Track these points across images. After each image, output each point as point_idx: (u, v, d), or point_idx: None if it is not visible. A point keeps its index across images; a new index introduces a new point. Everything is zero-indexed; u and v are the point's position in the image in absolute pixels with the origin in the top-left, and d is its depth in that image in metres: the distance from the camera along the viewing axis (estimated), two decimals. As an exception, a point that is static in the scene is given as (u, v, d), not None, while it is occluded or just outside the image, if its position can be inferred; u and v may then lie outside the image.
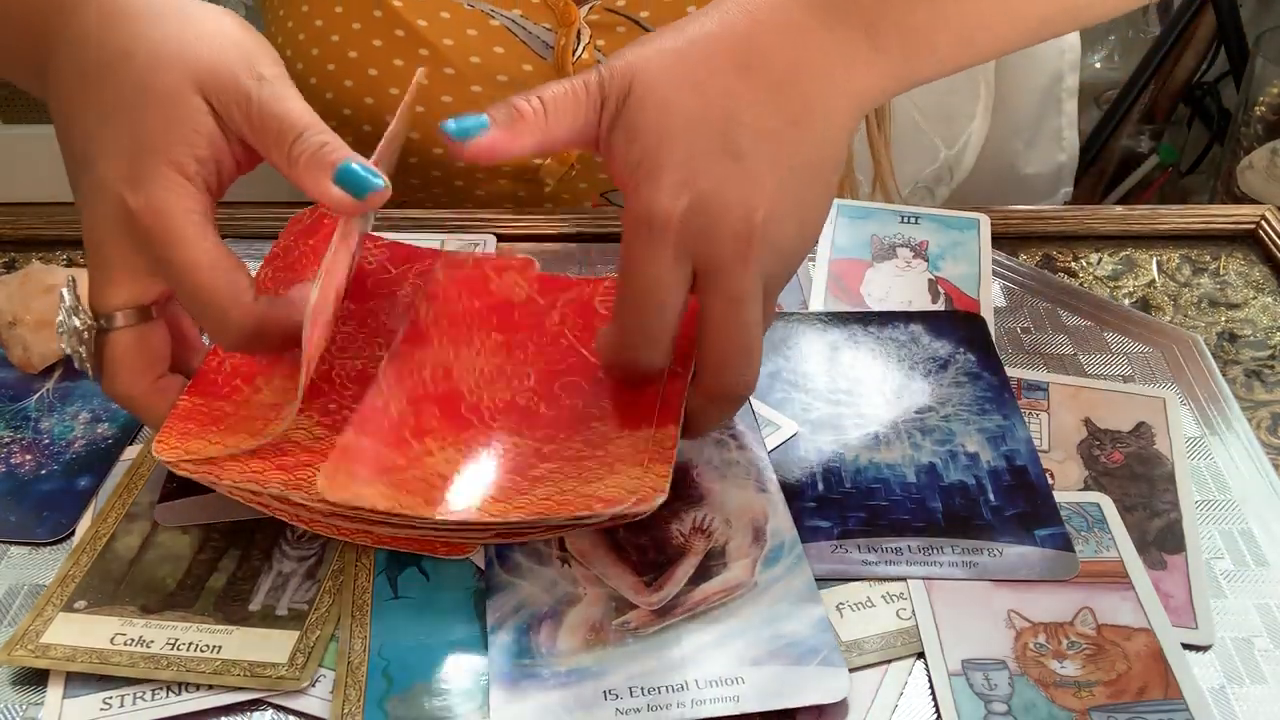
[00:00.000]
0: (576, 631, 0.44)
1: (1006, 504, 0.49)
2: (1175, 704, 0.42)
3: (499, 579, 0.46)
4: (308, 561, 0.48)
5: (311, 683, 0.43)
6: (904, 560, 0.47)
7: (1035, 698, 0.42)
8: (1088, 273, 0.65)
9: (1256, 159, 1.21)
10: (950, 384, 0.55)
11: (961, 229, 0.66)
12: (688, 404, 0.47)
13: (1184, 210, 0.68)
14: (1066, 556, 0.47)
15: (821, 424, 0.53)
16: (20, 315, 0.56)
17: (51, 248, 0.68)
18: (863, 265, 0.63)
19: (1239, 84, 1.40)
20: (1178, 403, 0.55)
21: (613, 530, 0.48)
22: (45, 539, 0.50)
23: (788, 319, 0.59)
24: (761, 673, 0.42)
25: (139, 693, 0.43)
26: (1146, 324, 0.61)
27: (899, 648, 0.44)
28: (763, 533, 0.47)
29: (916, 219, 0.66)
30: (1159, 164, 1.58)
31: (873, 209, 0.67)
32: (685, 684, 0.42)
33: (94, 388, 0.57)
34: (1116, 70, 1.63)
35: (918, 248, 0.64)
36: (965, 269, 0.63)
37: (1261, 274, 0.65)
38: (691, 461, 0.51)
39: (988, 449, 0.52)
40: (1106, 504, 0.50)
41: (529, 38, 0.74)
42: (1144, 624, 0.45)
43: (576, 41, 0.74)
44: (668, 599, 0.45)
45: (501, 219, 0.68)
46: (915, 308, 0.61)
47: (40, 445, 0.54)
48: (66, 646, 0.44)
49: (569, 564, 0.47)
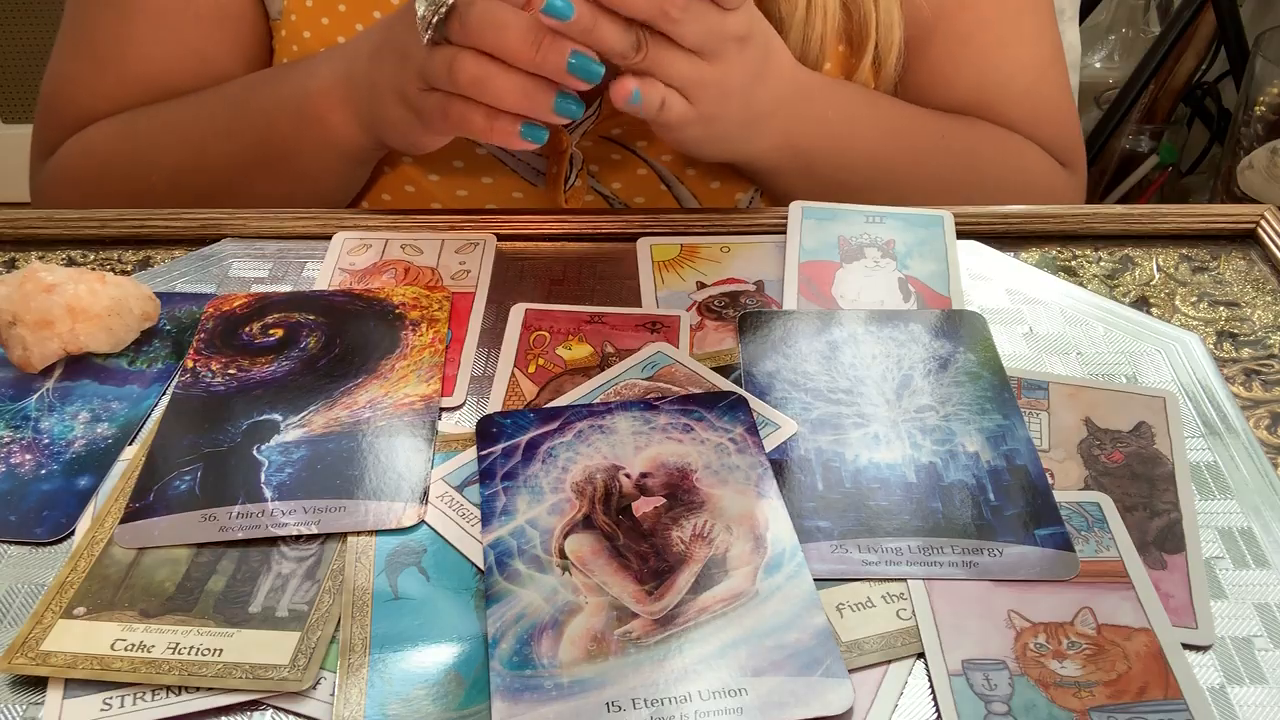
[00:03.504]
0: (578, 642, 0.44)
1: (1006, 504, 0.49)
2: (1175, 704, 0.42)
3: (499, 587, 0.46)
4: (307, 562, 0.48)
5: (313, 685, 0.43)
6: (904, 560, 0.47)
7: (1035, 698, 0.42)
8: (1088, 272, 0.65)
9: (1256, 159, 1.21)
10: (950, 384, 0.55)
11: (926, 226, 0.66)
12: None
13: (1184, 210, 0.68)
14: (1066, 556, 0.47)
15: (821, 424, 0.53)
16: (20, 315, 0.56)
17: (51, 248, 0.68)
18: (832, 267, 0.63)
19: (1239, 84, 1.40)
20: (1178, 402, 0.55)
21: (613, 538, 0.48)
22: (45, 539, 0.50)
23: (788, 319, 0.59)
24: (764, 684, 0.42)
25: (139, 693, 0.43)
26: (1146, 323, 0.61)
27: (899, 648, 0.44)
28: (763, 540, 0.47)
29: (881, 218, 0.66)
30: (1159, 164, 1.58)
31: (837, 210, 0.67)
32: (688, 695, 0.42)
33: (94, 388, 0.57)
34: (1116, 70, 1.64)
35: (885, 246, 0.64)
36: (934, 266, 0.63)
37: (1261, 274, 0.65)
38: (691, 466, 0.51)
39: (988, 449, 0.52)
40: (1106, 504, 0.50)
41: (518, 165, 0.74)
42: (1144, 624, 0.45)
43: (569, 169, 0.74)
44: (669, 608, 0.45)
45: (502, 219, 0.68)
46: (888, 307, 0.61)
47: (40, 445, 0.54)
48: (67, 653, 0.44)
49: (569, 572, 0.46)
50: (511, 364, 0.58)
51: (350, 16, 0.72)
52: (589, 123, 0.73)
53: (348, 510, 0.49)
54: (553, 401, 0.55)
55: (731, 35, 0.59)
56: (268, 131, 0.69)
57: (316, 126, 0.68)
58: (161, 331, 0.60)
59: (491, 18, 0.55)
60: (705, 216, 0.68)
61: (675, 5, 0.55)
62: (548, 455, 0.51)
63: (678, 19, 0.56)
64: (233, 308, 0.61)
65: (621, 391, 0.55)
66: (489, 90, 0.57)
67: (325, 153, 0.69)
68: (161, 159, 0.72)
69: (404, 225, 0.67)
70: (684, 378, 0.56)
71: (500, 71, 0.56)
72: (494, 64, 0.56)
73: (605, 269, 0.65)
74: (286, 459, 0.52)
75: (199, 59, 0.75)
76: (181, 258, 0.66)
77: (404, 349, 0.58)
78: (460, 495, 0.51)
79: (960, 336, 0.58)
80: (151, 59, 0.75)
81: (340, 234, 0.67)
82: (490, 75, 0.56)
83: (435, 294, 0.62)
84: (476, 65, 0.56)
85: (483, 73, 0.56)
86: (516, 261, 0.66)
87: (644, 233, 0.67)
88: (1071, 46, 1.03)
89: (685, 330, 0.60)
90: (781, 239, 0.65)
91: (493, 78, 0.56)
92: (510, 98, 0.57)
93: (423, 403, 0.55)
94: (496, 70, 0.56)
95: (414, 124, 0.63)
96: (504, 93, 0.57)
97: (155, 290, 0.61)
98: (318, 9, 0.73)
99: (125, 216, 0.68)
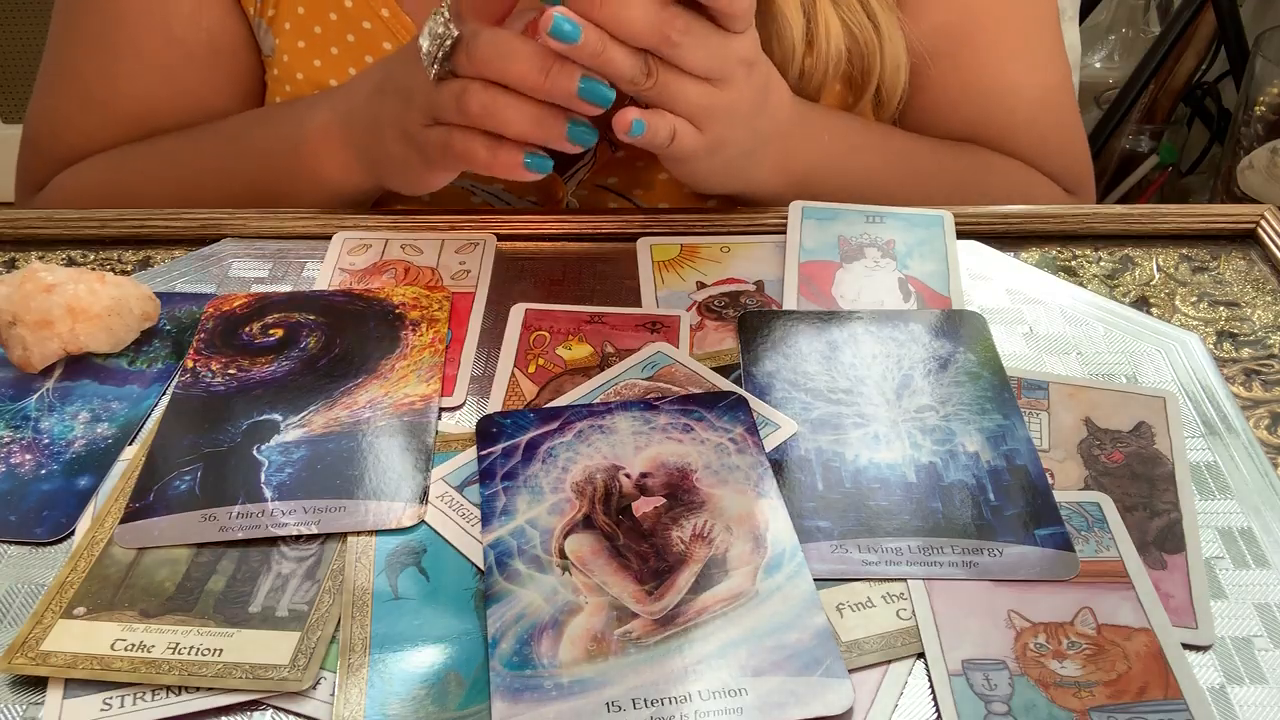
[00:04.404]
0: (578, 642, 0.44)
1: (1006, 504, 0.49)
2: (1175, 704, 0.42)
3: (499, 587, 0.46)
4: (307, 562, 0.48)
5: (313, 685, 0.43)
6: (904, 560, 0.47)
7: (1035, 698, 0.42)
8: (1088, 272, 0.65)
9: (1256, 159, 1.21)
10: (950, 384, 0.55)
11: (926, 226, 0.66)
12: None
13: (1184, 210, 0.68)
14: (1066, 556, 0.47)
15: (821, 424, 0.53)
16: (20, 315, 0.56)
17: (51, 248, 0.68)
18: (832, 267, 0.63)
19: (1239, 84, 1.40)
20: (1178, 402, 0.55)
21: (613, 538, 0.48)
22: (45, 539, 0.50)
23: (788, 319, 0.60)
24: (764, 684, 0.42)
25: (139, 693, 0.43)
26: (1146, 323, 0.61)
27: (899, 648, 0.44)
28: (763, 540, 0.47)
29: (881, 218, 0.66)
30: (1159, 164, 1.58)
31: (838, 210, 0.67)
32: (688, 695, 0.42)
33: (94, 388, 0.57)
34: (1116, 70, 1.64)
35: (885, 246, 0.65)
36: (933, 266, 0.63)
37: (1261, 274, 0.65)
38: (691, 466, 0.51)
39: (988, 449, 0.52)
40: (1106, 504, 0.50)
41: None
42: (1144, 624, 0.45)
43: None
44: (669, 608, 0.45)
45: (502, 219, 0.68)
46: (888, 307, 0.61)
47: (40, 445, 0.54)
48: (67, 653, 0.44)
49: (569, 572, 0.46)
50: (511, 364, 0.58)
51: (343, 60, 0.72)
52: (584, 171, 0.73)
53: (348, 510, 0.49)
54: (553, 401, 0.55)
55: (739, 59, 0.58)
56: (263, 171, 0.69)
57: (314, 166, 0.67)
58: (161, 331, 0.60)
59: (499, 47, 0.55)
60: (705, 216, 0.68)
61: (675, 29, 0.54)
62: (548, 455, 0.51)
63: (678, 43, 0.55)
64: (233, 308, 0.61)
65: (621, 391, 0.55)
66: (500, 118, 0.56)
67: (320, 193, 0.69)
68: (154, 196, 0.71)
69: (404, 225, 0.67)
70: (684, 378, 0.56)
71: (511, 101, 0.56)
72: (504, 93, 0.56)
73: (605, 269, 0.65)
74: (286, 459, 0.52)
75: (191, 98, 0.74)
76: (181, 258, 0.66)
77: (404, 349, 0.58)
78: (460, 495, 0.51)
79: (960, 336, 0.58)
80: (142, 98, 0.74)
81: (340, 234, 0.67)
82: (501, 104, 0.56)
83: (435, 294, 0.62)
84: (486, 94, 0.56)
85: (493, 102, 0.56)
86: (516, 261, 0.66)
87: (644, 233, 0.67)
88: (1071, 47, 1.04)
89: (685, 330, 0.60)
90: (781, 239, 0.65)
91: (504, 107, 0.56)
92: (522, 125, 0.56)
93: (423, 403, 0.55)
94: (507, 99, 0.56)
95: (416, 161, 0.62)
96: (515, 120, 0.56)
97: (155, 290, 0.61)
98: (310, 51, 0.73)
99: (125, 216, 0.68)
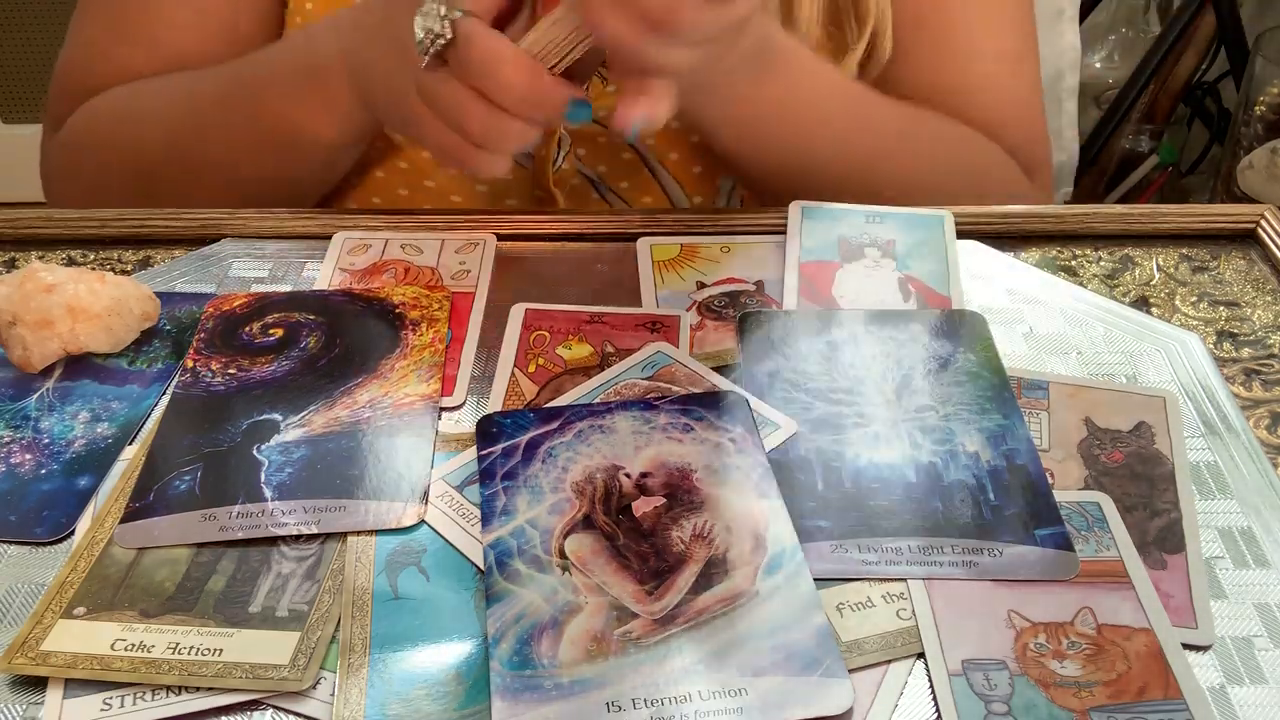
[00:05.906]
0: (578, 642, 0.44)
1: (1006, 504, 0.49)
2: (1175, 704, 0.42)
3: (499, 587, 0.46)
4: (307, 561, 0.48)
5: (313, 685, 0.43)
6: (904, 560, 0.47)
7: (1035, 698, 0.42)
8: (1088, 272, 0.65)
9: (1256, 159, 1.21)
10: (950, 384, 0.55)
11: (927, 226, 0.66)
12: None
13: (1184, 210, 0.68)
14: (1066, 556, 0.47)
15: (821, 424, 0.53)
16: (20, 315, 0.56)
17: (51, 247, 0.68)
18: (832, 267, 0.63)
19: (1239, 84, 1.40)
20: (1178, 402, 0.55)
21: (613, 538, 0.48)
22: (45, 538, 0.50)
23: (788, 318, 0.59)
24: (764, 684, 0.42)
25: (139, 693, 0.43)
26: (1146, 323, 0.61)
27: (899, 648, 0.44)
28: (763, 540, 0.47)
29: (882, 218, 0.66)
30: (1159, 164, 1.58)
31: (838, 210, 0.67)
32: (688, 695, 0.42)
33: (94, 387, 0.57)
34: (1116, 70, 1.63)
35: (885, 246, 0.64)
36: (933, 266, 0.63)
37: (1261, 274, 0.65)
38: (691, 466, 0.51)
39: (988, 448, 0.52)
40: (1106, 503, 0.50)
41: None
42: (1144, 624, 0.45)
43: (557, 151, 0.73)
44: (669, 608, 0.45)
45: (502, 219, 0.68)
46: (888, 307, 0.61)
47: (40, 445, 0.54)
48: (67, 653, 0.44)
49: (569, 572, 0.46)
50: (511, 364, 0.58)
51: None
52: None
53: (348, 510, 0.49)
54: (553, 401, 0.55)
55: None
56: (266, 102, 0.68)
57: (316, 98, 0.67)
58: (161, 331, 0.60)
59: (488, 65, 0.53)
60: (705, 216, 0.68)
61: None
62: (548, 455, 0.51)
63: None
64: (233, 307, 0.61)
65: (621, 391, 0.55)
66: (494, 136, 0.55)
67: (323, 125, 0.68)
68: (161, 124, 0.71)
69: (404, 225, 0.67)
70: (684, 377, 0.56)
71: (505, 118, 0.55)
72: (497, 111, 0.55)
73: (605, 269, 0.65)
74: (286, 459, 0.52)
75: (228, 29, 0.74)
76: (181, 257, 0.66)
77: (404, 349, 0.58)
78: (460, 495, 0.51)
79: (960, 336, 0.58)
80: (180, 28, 0.74)
81: (340, 234, 0.67)
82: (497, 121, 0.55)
83: (435, 294, 0.62)
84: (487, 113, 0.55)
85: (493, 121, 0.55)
86: (516, 261, 0.66)
87: (644, 233, 0.67)
88: (1072, 46, 1.04)
89: (685, 330, 0.60)
90: (781, 239, 0.65)
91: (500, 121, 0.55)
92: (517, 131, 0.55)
93: (423, 402, 0.55)
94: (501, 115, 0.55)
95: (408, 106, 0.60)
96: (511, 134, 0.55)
97: (155, 290, 0.61)
98: None
99: (125, 216, 0.68)
